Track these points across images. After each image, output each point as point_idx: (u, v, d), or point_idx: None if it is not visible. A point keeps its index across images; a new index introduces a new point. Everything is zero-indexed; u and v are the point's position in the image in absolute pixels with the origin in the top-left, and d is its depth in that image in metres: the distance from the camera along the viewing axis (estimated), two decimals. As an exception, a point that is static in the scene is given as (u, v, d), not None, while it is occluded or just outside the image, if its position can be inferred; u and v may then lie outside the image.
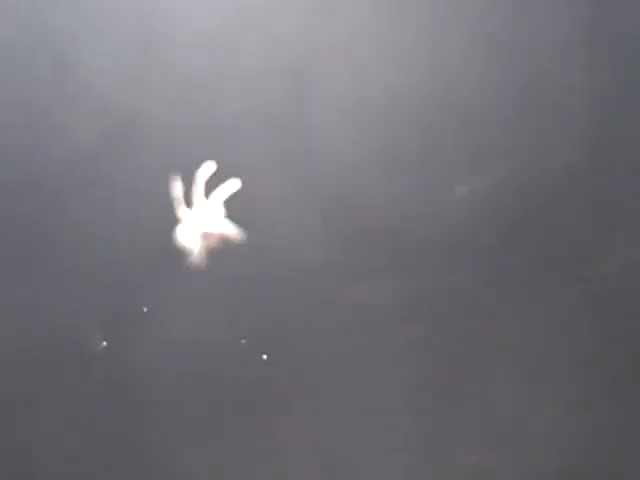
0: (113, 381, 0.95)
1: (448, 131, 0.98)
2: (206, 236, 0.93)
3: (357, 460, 0.96)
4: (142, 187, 0.93)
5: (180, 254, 0.94)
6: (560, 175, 0.98)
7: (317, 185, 0.97)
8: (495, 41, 0.98)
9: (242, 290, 0.96)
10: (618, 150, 0.98)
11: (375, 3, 0.98)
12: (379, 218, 0.97)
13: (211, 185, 0.93)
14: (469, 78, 0.97)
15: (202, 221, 0.92)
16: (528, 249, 0.98)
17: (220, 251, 0.94)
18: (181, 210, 0.92)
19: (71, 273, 0.96)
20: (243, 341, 0.96)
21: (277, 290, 0.96)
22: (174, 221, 0.93)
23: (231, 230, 0.92)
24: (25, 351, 0.96)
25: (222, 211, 0.92)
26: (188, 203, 0.92)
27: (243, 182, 0.94)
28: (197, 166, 0.92)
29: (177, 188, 0.91)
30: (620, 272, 0.97)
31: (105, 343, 0.94)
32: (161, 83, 0.96)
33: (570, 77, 0.98)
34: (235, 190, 0.92)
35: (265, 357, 0.96)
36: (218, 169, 0.92)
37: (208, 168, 0.91)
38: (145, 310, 0.96)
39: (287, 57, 0.97)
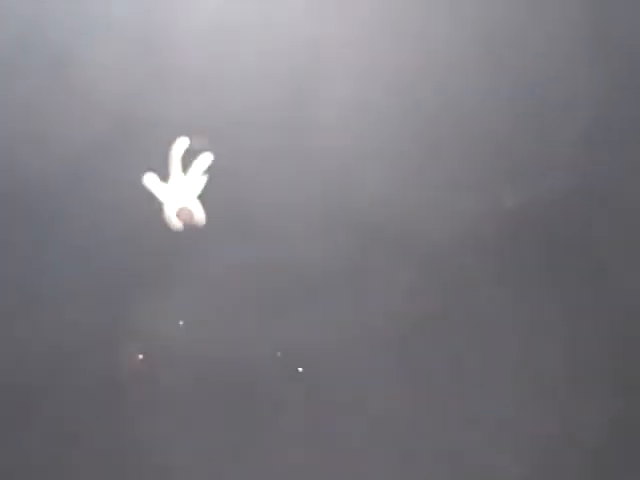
0: (144, 392, 1.00)
1: (451, 133, 1.00)
2: (180, 211, 0.95)
3: (358, 460, 0.99)
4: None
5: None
6: (563, 178, 0.98)
7: (319, 184, 1.00)
8: (497, 45, 0.99)
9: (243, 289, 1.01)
10: (620, 153, 0.97)
11: (379, 5, 1.00)
12: (384, 219, 1.00)
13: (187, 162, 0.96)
14: (471, 82, 0.99)
15: (177, 197, 0.95)
16: (532, 253, 0.99)
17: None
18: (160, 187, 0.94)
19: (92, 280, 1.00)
20: (279, 354, 1.00)
21: (278, 288, 1.00)
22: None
23: (198, 209, 0.95)
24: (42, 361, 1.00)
25: (196, 188, 0.95)
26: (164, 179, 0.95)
27: (244, 182, 0.98)
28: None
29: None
30: (623, 276, 0.98)
31: (141, 356, 1.01)
32: (161, 83, 0.98)
33: (573, 81, 0.98)
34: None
35: (300, 370, 0.99)
36: (218, 169, 0.96)
37: (182, 144, 0.94)
38: (181, 324, 1.01)
39: (288, 57, 0.99)
